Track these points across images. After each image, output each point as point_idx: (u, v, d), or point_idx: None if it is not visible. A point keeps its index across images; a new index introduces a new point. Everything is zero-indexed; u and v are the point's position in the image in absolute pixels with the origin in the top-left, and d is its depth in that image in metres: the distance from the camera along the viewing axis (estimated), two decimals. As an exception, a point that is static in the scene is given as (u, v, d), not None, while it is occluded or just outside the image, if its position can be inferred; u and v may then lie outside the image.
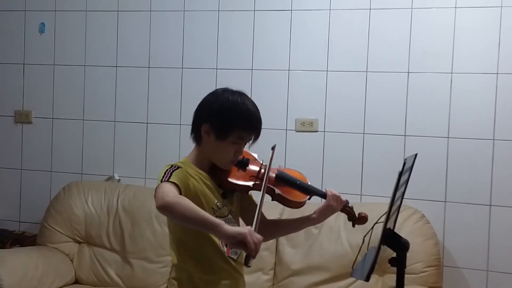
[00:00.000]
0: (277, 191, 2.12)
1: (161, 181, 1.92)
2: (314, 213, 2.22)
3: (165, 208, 1.84)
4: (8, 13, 4.12)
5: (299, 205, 2.18)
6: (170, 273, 3.45)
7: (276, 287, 3.36)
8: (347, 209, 2.24)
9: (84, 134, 3.99)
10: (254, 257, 1.78)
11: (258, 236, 1.79)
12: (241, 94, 2.08)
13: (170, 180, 1.91)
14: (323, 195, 2.20)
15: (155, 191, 1.90)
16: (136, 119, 3.89)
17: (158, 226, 3.53)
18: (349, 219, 2.26)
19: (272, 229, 2.27)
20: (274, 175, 2.16)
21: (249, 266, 1.82)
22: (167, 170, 1.96)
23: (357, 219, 2.23)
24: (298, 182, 2.19)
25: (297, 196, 2.17)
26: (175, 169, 1.96)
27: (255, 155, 2.19)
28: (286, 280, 3.34)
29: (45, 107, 4.05)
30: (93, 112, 3.97)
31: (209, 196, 2.04)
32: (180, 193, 1.91)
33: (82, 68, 3.98)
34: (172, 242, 2.11)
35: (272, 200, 2.16)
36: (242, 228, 1.82)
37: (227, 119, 2.03)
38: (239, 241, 1.77)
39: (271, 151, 2.15)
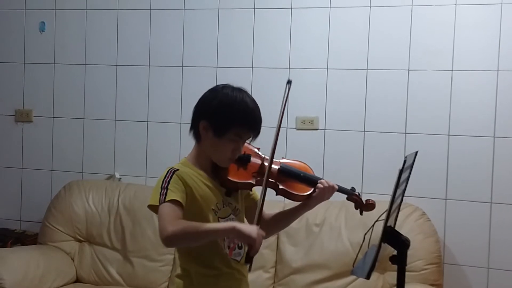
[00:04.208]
0: (281, 186, 2.08)
1: (159, 201, 1.90)
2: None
3: (171, 241, 1.88)
4: (8, 12, 4.12)
5: (304, 198, 2.12)
6: (171, 272, 3.45)
7: (277, 285, 3.36)
8: (354, 197, 2.19)
9: (84, 133, 3.99)
10: (253, 255, 1.85)
11: (261, 232, 1.84)
12: (241, 90, 2.04)
13: (166, 200, 1.90)
14: None
15: (158, 220, 1.89)
16: (137, 118, 3.89)
17: (159, 224, 3.53)
18: (356, 207, 2.20)
19: (273, 224, 2.21)
20: (277, 168, 2.10)
21: (250, 265, 1.88)
22: (164, 178, 1.95)
23: (365, 206, 2.18)
24: (302, 175, 2.13)
25: (302, 189, 2.11)
26: (171, 176, 1.95)
27: (256, 149, 2.14)
28: (287, 278, 3.34)
29: (45, 106, 4.05)
30: (93, 111, 3.97)
31: (208, 197, 2.01)
32: (181, 205, 1.91)
33: (83, 67, 3.98)
34: None
35: (276, 195, 2.12)
36: (252, 228, 1.85)
37: (225, 115, 1.98)
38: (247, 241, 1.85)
39: (287, 86, 2.10)
